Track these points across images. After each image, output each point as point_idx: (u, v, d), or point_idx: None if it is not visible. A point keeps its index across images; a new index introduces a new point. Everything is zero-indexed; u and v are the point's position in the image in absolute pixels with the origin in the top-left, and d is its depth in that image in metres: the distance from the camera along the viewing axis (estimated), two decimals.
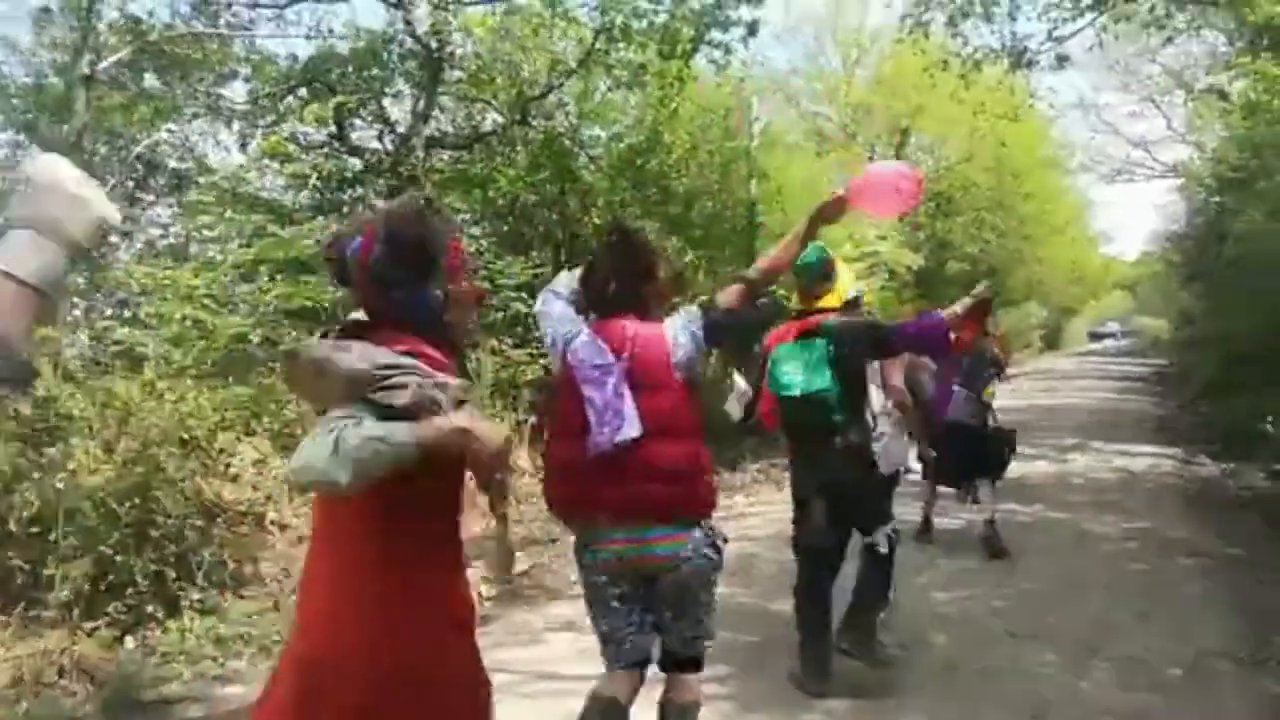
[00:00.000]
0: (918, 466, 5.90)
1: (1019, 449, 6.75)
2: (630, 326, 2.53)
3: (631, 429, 2.41)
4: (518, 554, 3.34)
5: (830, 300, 3.80)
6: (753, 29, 9.71)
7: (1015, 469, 9.01)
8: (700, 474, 2.52)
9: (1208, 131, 22.78)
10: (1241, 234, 15.43)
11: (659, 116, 11.37)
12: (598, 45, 9.44)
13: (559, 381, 2.59)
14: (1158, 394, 19.60)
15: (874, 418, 3.99)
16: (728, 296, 2.70)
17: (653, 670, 2.60)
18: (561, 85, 9.67)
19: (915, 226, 25.09)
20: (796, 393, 3.55)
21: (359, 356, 1.58)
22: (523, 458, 9.10)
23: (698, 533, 2.51)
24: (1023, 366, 33.47)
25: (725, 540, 2.62)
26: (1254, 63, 8.17)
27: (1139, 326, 50.80)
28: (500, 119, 9.79)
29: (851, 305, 3.93)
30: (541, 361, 9.23)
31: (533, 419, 9.13)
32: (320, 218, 8.12)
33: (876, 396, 4.11)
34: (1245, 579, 5.40)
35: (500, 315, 8.77)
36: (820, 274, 3.79)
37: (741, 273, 2.90)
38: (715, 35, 9.73)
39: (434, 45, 8.82)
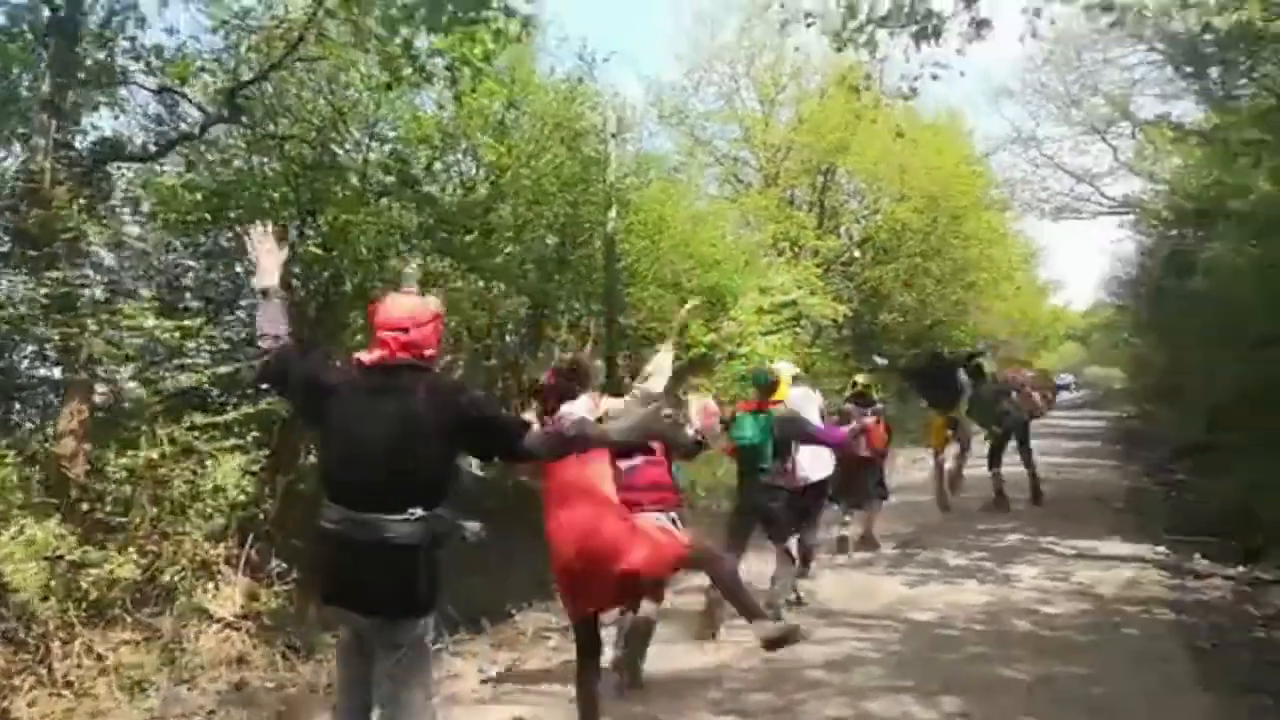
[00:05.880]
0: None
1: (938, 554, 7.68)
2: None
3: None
4: None
5: (778, 396, 6.05)
6: None
7: (933, 599, 6.34)
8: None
9: (1160, 162, 20.72)
10: (1212, 266, 13.04)
11: (458, 121, 8.64)
12: (325, 7, 6.62)
13: None
14: (1120, 454, 16.94)
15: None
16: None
17: None
18: (279, 66, 6.83)
19: (846, 276, 22.66)
20: (746, 442, 5.82)
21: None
22: None
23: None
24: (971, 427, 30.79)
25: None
26: None
27: (1093, 378, 48.91)
28: (201, 115, 6.93)
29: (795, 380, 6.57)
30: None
31: None
32: None
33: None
34: None
35: None
36: (769, 387, 6.05)
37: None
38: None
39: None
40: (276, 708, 5.18)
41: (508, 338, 10.84)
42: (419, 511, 2.61)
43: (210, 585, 6.14)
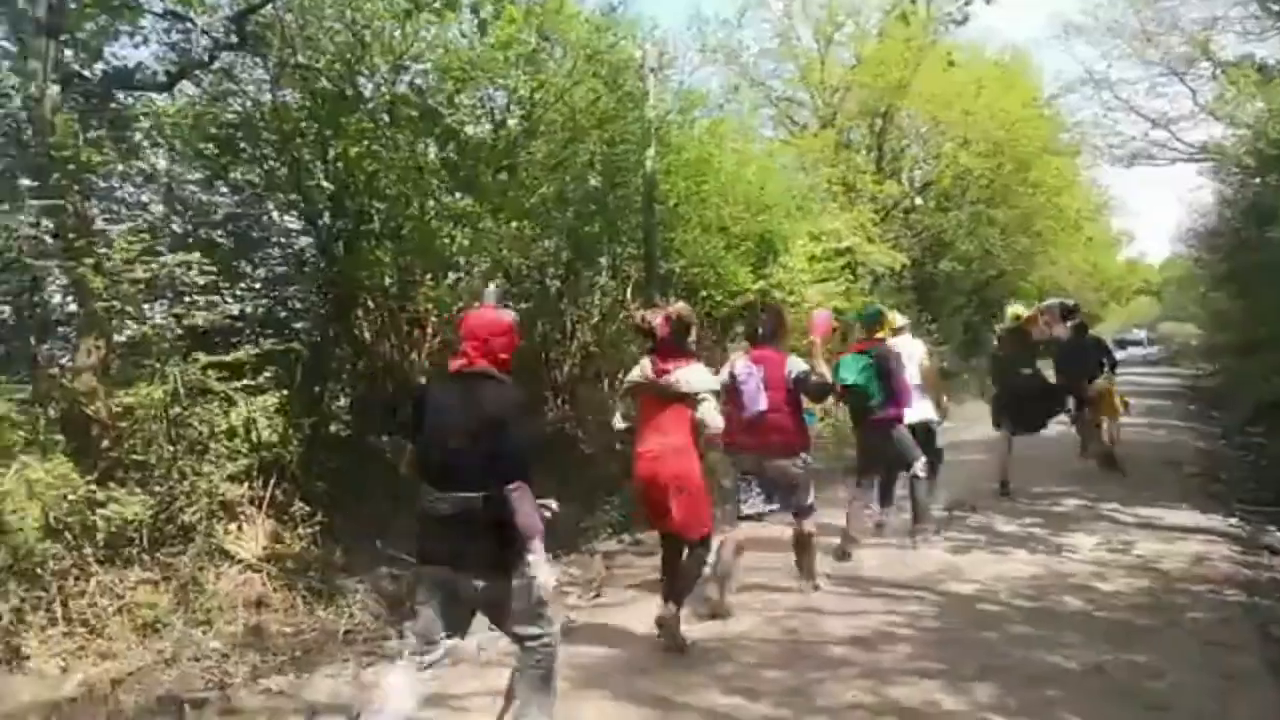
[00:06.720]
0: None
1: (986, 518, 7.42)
2: (766, 354, 5.29)
3: (760, 406, 5.11)
4: None
5: (882, 333, 6.54)
6: None
7: (976, 570, 5.81)
8: (795, 430, 5.28)
9: (1242, 105, 19.33)
10: None
11: (486, 52, 8.20)
12: None
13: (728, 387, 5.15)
14: (1195, 414, 16.06)
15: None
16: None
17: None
18: None
19: (906, 224, 21.78)
20: (849, 382, 6.16)
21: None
22: None
23: (796, 457, 5.25)
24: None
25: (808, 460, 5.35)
26: None
27: (1167, 333, 47.07)
28: (209, 42, 6.60)
29: (900, 330, 7.19)
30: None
31: None
32: None
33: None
34: None
35: None
36: (873, 323, 6.57)
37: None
38: None
39: None
40: (292, 653, 5.00)
41: (546, 281, 10.46)
42: (489, 491, 3.19)
43: (233, 526, 5.97)
